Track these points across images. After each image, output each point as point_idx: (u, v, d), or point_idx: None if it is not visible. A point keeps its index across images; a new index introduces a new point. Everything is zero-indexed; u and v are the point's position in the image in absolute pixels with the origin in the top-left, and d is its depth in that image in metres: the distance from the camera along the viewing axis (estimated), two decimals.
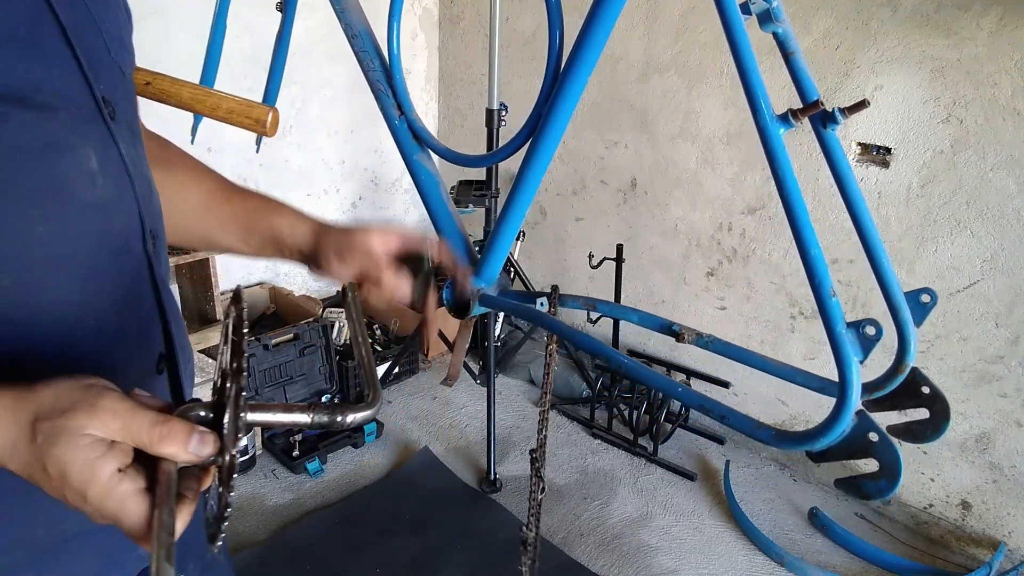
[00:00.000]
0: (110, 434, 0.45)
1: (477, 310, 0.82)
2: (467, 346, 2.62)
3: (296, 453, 2.29)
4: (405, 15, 3.11)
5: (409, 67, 3.20)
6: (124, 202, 0.60)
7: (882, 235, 2.02)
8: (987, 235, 1.85)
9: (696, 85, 2.36)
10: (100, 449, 0.44)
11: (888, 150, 1.98)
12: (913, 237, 1.98)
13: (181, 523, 0.46)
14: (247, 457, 2.26)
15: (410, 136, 0.86)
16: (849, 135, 2.03)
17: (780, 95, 1.91)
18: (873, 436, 0.64)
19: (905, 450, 1.82)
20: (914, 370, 0.80)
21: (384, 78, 0.85)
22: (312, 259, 0.77)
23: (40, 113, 0.52)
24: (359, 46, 0.86)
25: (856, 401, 0.65)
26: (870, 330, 0.63)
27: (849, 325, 0.65)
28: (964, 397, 1.98)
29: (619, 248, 2.55)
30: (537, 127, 0.78)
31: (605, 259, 2.55)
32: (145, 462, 0.46)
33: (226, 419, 0.46)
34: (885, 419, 0.78)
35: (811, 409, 2.35)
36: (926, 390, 0.81)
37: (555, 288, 0.87)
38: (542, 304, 0.81)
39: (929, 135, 1.90)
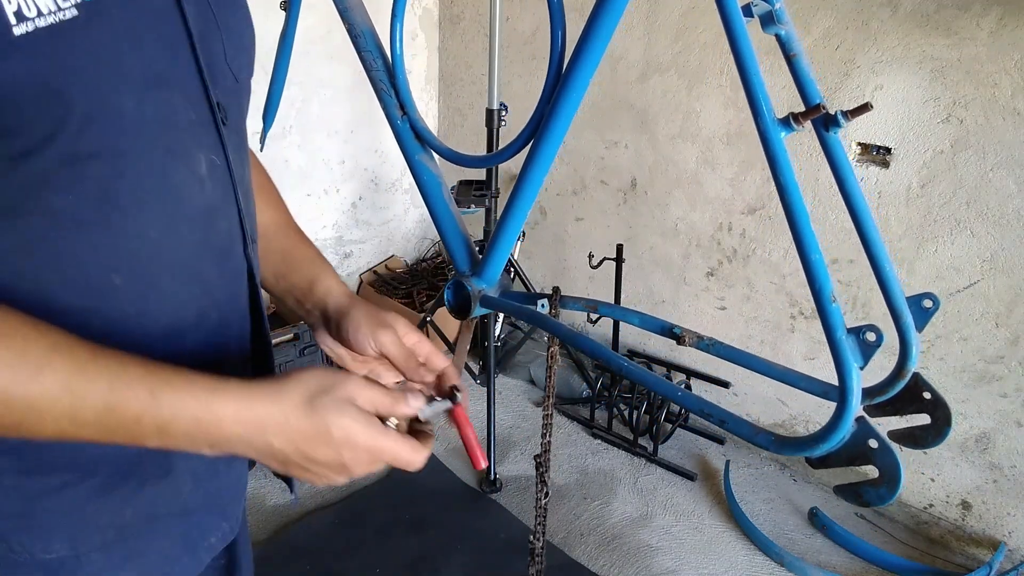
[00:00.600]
0: (365, 404, 0.58)
1: (478, 311, 0.82)
2: (468, 347, 2.62)
3: None
4: (405, 15, 3.11)
5: (409, 67, 3.20)
6: (227, 207, 0.63)
7: (882, 235, 2.02)
8: (987, 235, 1.85)
9: (696, 85, 2.36)
10: (367, 413, 0.57)
11: (888, 150, 1.98)
12: (913, 237, 1.98)
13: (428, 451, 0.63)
14: None
15: (412, 136, 0.86)
16: (849, 135, 2.03)
17: (779, 96, 1.92)
18: (873, 443, 0.63)
19: (905, 450, 1.83)
20: (916, 375, 0.79)
21: (387, 78, 0.84)
22: (331, 322, 0.76)
23: (164, 121, 0.54)
24: (362, 45, 0.85)
25: (856, 407, 0.64)
26: (871, 336, 0.63)
27: (849, 331, 0.64)
28: (964, 397, 1.98)
29: (619, 248, 2.55)
30: (539, 127, 0.77)
31: (605, 259, 2.55)
32: None
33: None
34: (887, 424, 0.78)
35: (811, 410, 2.35)
36: (927, 396, 0.80)
37: (556, 290, 0.87)
38: (543, 306, 0.80)
39: (929, 135, 1.89)
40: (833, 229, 2.10)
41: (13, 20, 0.44)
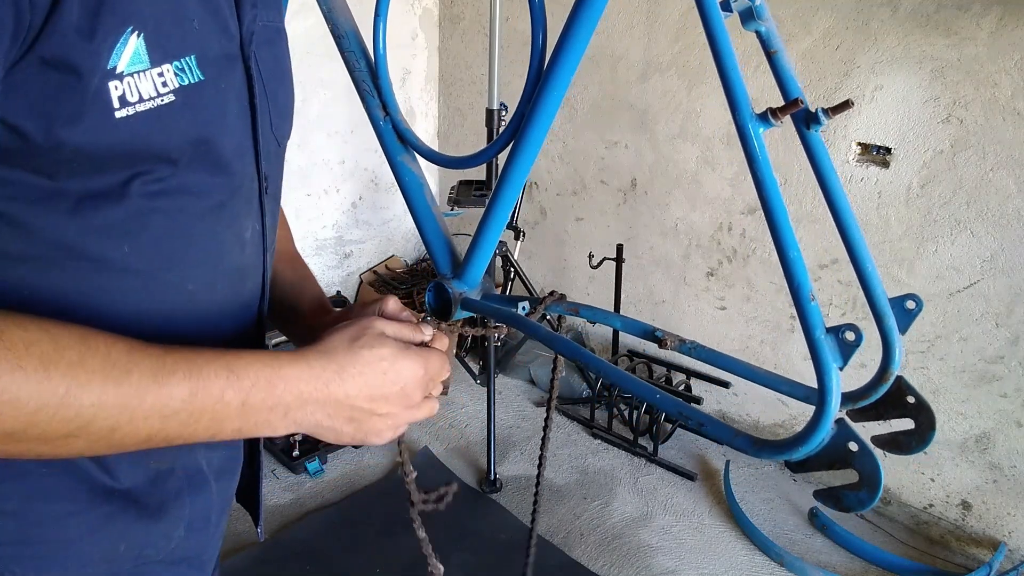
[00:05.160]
0: (393, 335, 0.63)
1: (459, 314, 0.81)
2: (455, 351, 2.62)
3: (296, 453, 2.29)
4: (405, 15, 3.11)
5: (409, 67, 3.20)
6: (256, 268, 0.67)
7: (882, 235, 2.03)
8: (987, 235, 1.85)
9: (696, 85, 2.36)
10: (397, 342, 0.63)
11: (888, 150, 1.98)
12: (913, 237, 1.98)
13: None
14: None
15: (395, 137, 0.85)
16: (849, 135, 2.03)
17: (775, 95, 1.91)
18: (853, 446, 0.62)
19: None
20: (899, 379, 0.78)
21: (370, 78, 0.84)
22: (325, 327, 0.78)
23: (233, 190, 0.60)
24: (345, 46, 0.86)
25: (835, 409, 0.63)
26: (850, 335, 0.61)
27: (829, 330, 0.63)
28: (964, 397, 1.98)
29: (619, 248, 2.55)
30: (519, 128, 0.77)
31: (605, 259, 2.55)
32: None
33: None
34: (870, 429, 0.77)
35: (811, 409, 2.35)
36: (911, 400, 0.79)
37: (552, 293, 0.85)
38: (523, 308, 0.79)
39: (929, 135, 1.90)
40: (834, 229, 2.09)
41: (116, 104, 0.49)
